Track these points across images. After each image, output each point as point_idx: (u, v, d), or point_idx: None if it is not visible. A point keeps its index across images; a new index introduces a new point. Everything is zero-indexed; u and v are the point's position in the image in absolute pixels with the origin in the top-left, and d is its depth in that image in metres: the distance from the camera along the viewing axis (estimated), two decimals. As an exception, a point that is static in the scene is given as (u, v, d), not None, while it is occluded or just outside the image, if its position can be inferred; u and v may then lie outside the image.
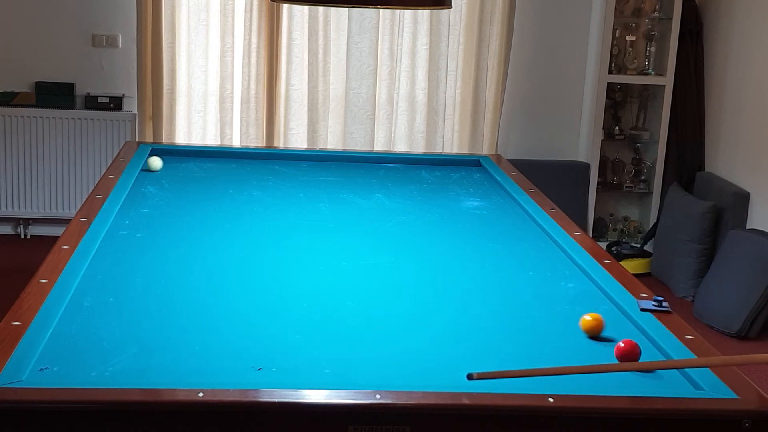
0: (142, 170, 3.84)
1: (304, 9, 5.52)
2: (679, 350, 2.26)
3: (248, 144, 5.58)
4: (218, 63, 5.58)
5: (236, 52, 5.57)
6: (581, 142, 6.01)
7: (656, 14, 5.82)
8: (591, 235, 5.82)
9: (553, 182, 5.54)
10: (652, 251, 5.85)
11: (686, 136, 5.83)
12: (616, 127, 5.97)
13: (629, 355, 2.20)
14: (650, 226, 5.92)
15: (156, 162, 3.90)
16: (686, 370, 2.16)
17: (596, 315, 2.39)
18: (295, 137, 5.68)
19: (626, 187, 6.05)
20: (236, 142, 5.63)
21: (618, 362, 2.21)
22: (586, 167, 5.90)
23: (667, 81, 5.76)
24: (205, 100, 5.64)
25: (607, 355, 2.25)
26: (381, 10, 5.57)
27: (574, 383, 2.11)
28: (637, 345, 2.22)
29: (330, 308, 2.51)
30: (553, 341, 2.37)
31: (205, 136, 5.67)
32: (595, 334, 2.37)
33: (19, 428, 1.86)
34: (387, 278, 2.81)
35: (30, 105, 5.61)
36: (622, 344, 2.22)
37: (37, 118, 5.59)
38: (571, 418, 1.97)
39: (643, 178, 6.03)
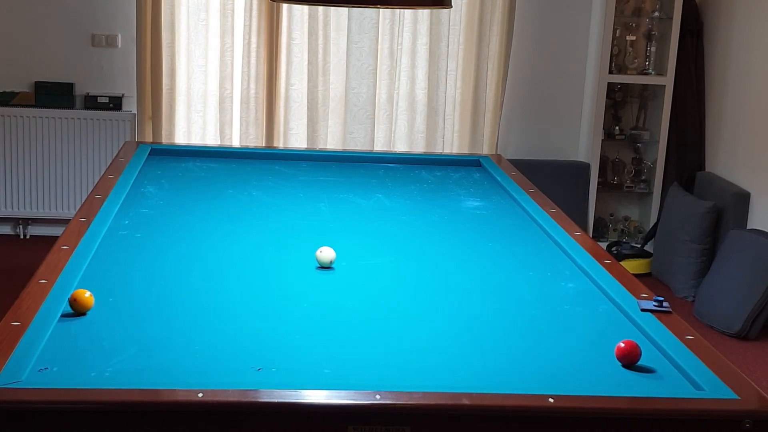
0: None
1: (304, 9, 5.52)
2: (679, 350, 2.26)
3: (248, 144, 5.58)
4: (218, 63, 5.58)
5: (236, 52, 5.57)
6: (581, 142, 6.01)
7: (656, 14, 5.82)
8: (591, 235, 5.82)
9: (553, 182, 5.54)
10: (652, 251, 5.85)
11: (686, 136, 5.83)
12: (617, 127, 5.96)
13: (629, 356, 2.20)
14: (650, 226, 5.92)
15: (326, 254, 2.84)
16: (686, 370, 2.16)
17: None
18: (295, 137, 5.68)
19: (626, 187, 6.04)
20: (236, 142, 5.63)
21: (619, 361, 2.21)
22: (586, 167, 5.90)
23: (668, 81, 5.76)
24: (204, 100, 5.64)
25: (607, 355, 2.25)
26: (381, 10, 5.57)
27: (574, 383, 2.11)
28: (637, 345, 2.22)
29: (330, 308, 2.51)
30: (553, 341, 2.36)
31: (204, 136, 5.66)
32: None
33: (19, 428, 1.85)
34: (387, 278, 2.81)
35: (29, 105, 5.61)
36: (622, 344, 2.22)
37: (37, 118, 5.59)
38: (571, 418, 1.97)
39: (643, 178, 6.02)
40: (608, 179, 6.06)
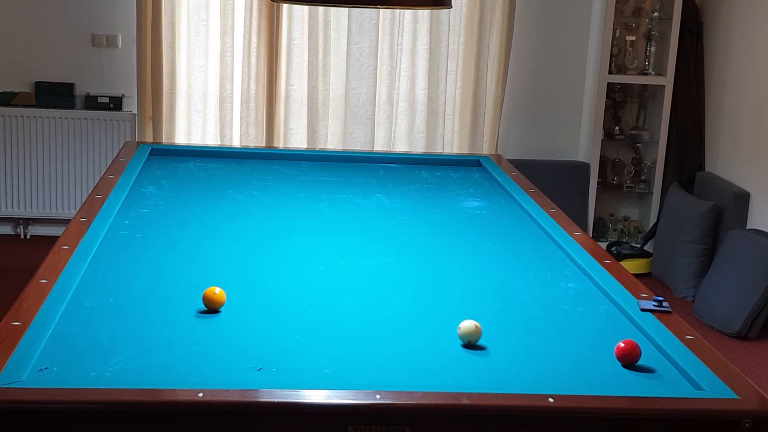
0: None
1: (304, 9, 5.52)
2: (679, 350, 2.26)
3: (248, 144, 5.58)
4: (218, 63, 5.58)
5: (236, 52, 5.57)
6: (581, 142, 6.01)
7: (656, 14, 5.82)
8: (591, 235, 5.82)
9: (553, 182, 5.54)
10: (652, 251, 5.85)
11: (686, 136, 5.83)
12: (616, 127, 5.96)
13: (629, 356, 2.20)
14: (650, 226, 5.92)
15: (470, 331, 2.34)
16: (686, 370, 2.16)
17: None
18: (295, 137, 5.68)
19: (626, 187, 6.05)
20: (236, 142, 5.63)
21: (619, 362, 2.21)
22: (586, 167, 5.90)
23: (667, 81, 5.76)
24: (204, 100, 5.64)
25: (607, 355, 2.25)
26: (381, 10, 5.57)
27: (574, 383, 2.11)
28: (637, 345, 2.22)
29: (330, 308, 2.51)
30: (553, 341, 2.36)
31: (205, 136, 5.66)
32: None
33: (19, 428, 1.85)
34: (387, 278, 2.81)
35: (30, 105, 5.61)
36: (622, 344, 2.22)
37: (37, 118, 5.59)
38: (571, 418, 1.97)
39: (643, 178, 6.02)
40: (608, 179, 6.06)
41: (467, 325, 2.29)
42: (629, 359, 2.20)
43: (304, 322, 2.39)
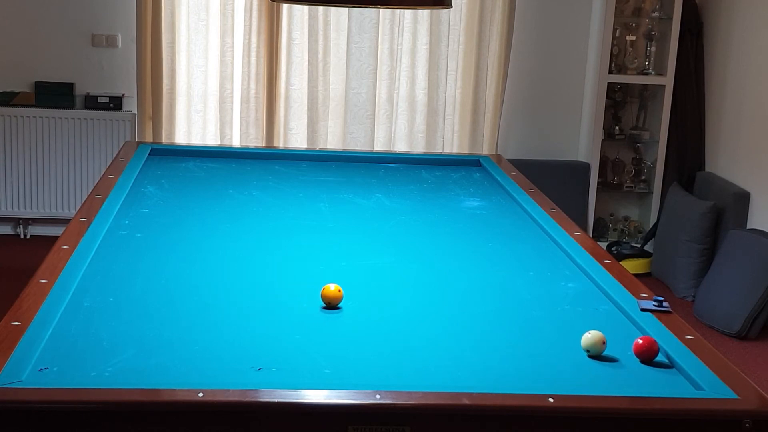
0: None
1: (304, 9, 5.52)
2: (679, 350, 2.26)
3: (248, 144, 5.58)
4: (218, 63, 5.58)
5: (236, 52, 5.57)
6: (581, 142, 6.01)
7: (656, 14, 5.82)
8: (591, 235, 5.82)
9: (553, 182, 5.54)
10: (652, 251, 5.85)
11: (686, 136, 5.83)
12: (616, 127, 5.97)
13: (647, 352, 2.20)
14: (650, 226, 5.92)
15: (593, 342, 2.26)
16: (686, 370, 2.16)
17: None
18: (295, 137, 5.68)
19: (626, 187, 6.05)
20: (236, 142, 5.63)
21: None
22: (586, 167, 5.90)
23: (667, 81, 5.76)
24: (204, 100, 5.64)
25: (607, 355, 2.25)
26: (381, 10, 5.57)
27: (574, 383, 2.11)
28: (655, 341, 2.22)
29: (330, 308, 2.51)
30: (553, 341, 2.36)
31: (205, 136, 5.66)
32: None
33: (19, 428, 1.85)
34: (387, 278, 2.81)
35: (30, 105, 5.61)
36: (640, 341, 2.22)
37: (37, 118, 5.59)
38: (571, 418, 1.97)
39: (643, 178, 6.02)
40: (608, 179, 6.07)
41: (591, 339, 2.25)
42: (647, 355, 2.20)
43: (304, 322, 2.39)
